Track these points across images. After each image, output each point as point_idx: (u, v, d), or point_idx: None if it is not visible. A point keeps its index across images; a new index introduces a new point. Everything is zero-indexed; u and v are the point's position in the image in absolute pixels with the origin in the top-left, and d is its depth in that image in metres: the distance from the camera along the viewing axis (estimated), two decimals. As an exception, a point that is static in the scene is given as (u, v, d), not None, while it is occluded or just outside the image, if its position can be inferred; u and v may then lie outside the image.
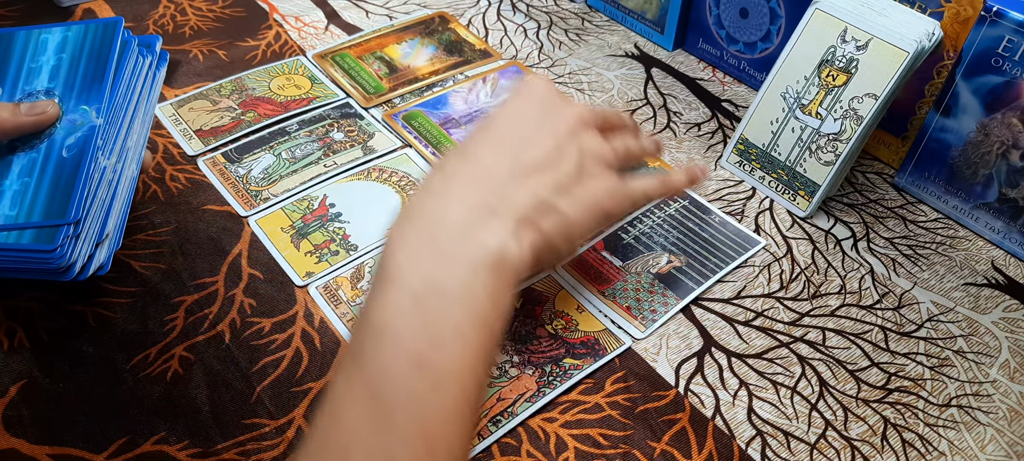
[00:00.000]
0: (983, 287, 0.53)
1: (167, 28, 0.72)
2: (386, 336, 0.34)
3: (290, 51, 0.70)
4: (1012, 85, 0.51)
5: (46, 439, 0.41)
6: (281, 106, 0.63)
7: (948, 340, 0.49)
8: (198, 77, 0.66)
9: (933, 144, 0.57)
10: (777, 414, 0.45)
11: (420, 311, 0.35)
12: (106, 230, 0.45)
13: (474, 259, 0.36)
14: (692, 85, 0.70)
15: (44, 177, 0.44)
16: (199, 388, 0.44)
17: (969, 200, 0.56)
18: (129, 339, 0.46)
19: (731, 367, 0.47)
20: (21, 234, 0.42)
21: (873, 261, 0.54)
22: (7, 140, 0.45)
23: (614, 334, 0.48)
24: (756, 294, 0.51)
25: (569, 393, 0.45)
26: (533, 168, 0.40)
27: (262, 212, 0.55)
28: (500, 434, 0.42)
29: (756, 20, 0.66)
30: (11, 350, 0.45)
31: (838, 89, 0.55)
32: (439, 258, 0.36)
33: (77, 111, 0.45)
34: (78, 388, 0.44)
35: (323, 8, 0.76)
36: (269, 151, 0.59)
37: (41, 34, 0.48)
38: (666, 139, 0.63)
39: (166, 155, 0.58)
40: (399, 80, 0.67)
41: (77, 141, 0.44)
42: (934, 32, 0.53)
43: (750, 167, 0.60)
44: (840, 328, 0.50)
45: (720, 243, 0.54)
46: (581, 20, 0.77)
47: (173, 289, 0.49)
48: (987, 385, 0.47)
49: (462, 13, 0.77)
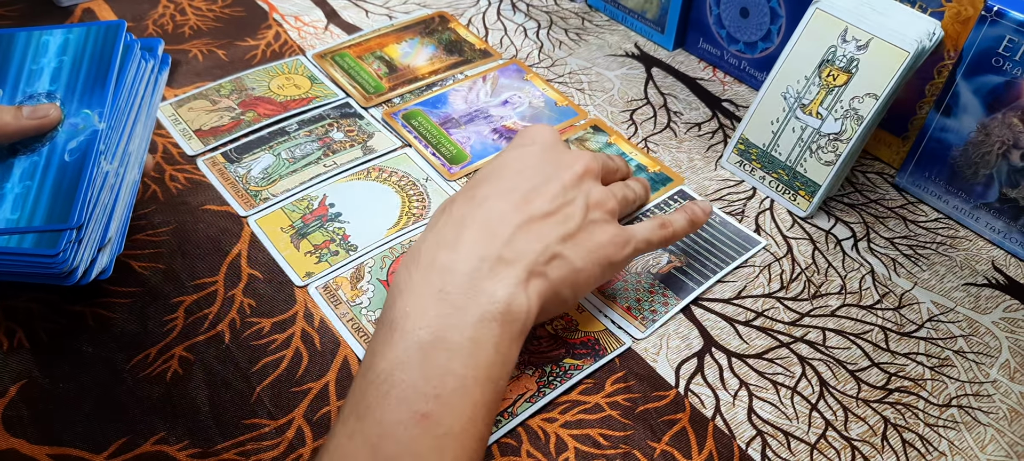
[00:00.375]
0: (983, 287, 0.53)
1: (166, 28, 0.72)
2: (391, 390, 0.34)
3: (290, 51, 0.70)
4: (1013, 85, 0.51)
5: (46, 439, 0.41)
6: (281, 106, 0.63)
7: (948, 340, 0.49)
8: (198, 77, 0.66)
9: (934, 144, 0.57)
10: (777, 414, 0.45)
11: (426, 364, 0.35)
12: (108, 234, 0.45)
13: (483, 311, 0.36)
14: (692, 85, 0.70)
15: (46, 181, 0.44)
16: (199, 388, 0.44)
17: (970, 200, 0.56)
18: (129, 339, 0.46)
19: (731, 367, 0.47)
20: (23, 238, 0.42)
21: (873, 261, 0.54)
22: (8, 143, 0.45)
23: (614, 334, 0.48)
24: (756, 294, 0.51)
25: (569, 393, 0.45)
26: (542, 218, 0.40)
27: (262, 212, 0.54)
28: (500, 434, 0.42)
29: (756, 20, 0.66)
30: (11, 350, 0.45)
31: (839, 89, 0.55)
32: (448, 309, 0.36)
33: (79, 115, 0.45)
34: (78, 388, 0.44)
35: (323, 8, 0.76)
36: (269, 151, 0.59)
37: (42, 35, 0.48)
38: (666, 139, 0.63)
39: (165, 155, 0.58)
40: (399, 80, 0.67)
41: (79, 145, 0.44)
42: (935, 32, 0.53)
43: (750, 167, 0.60)
44: (840, 328, 0.50)
45: (720, 243, 0.54)
46: (581, 20, 0.77)
47: (173, 289, 0.49)
48: (987, 385, 0.47)
49: (462, 13, 0.77)
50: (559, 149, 0.45)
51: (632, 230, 0.45)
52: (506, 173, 0.42)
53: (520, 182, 0.42)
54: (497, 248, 0.38)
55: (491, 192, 0.41)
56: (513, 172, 0.43)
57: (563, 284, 0.40)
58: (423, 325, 0.36)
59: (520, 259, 0.38)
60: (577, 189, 0.43)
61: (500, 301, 0.37)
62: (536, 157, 0.44)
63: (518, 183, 0.42)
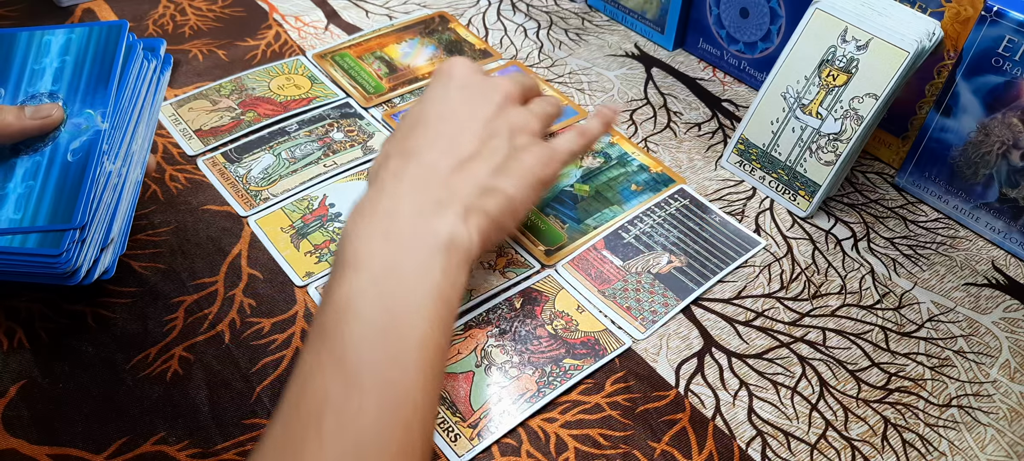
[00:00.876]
0: (983, 287, 0.53)
1: (167, 28, 0.72)
2: (348, 313, 0.36)
3: (290, 51, 0.70)
4: (1012, 85, 0.51)
5: (46, 439, 0.41)
6: (281, 106, 0.63)
7: (948, 340, 0.49)
8: (198, 77, 0.66)
9: (933, 144, 0.57)
10: (777, 414, 0.45)
11: (380, 289, 0.37)
12: (111, 234, 0.45)
13: (428, 245, 0.39)
14: (692, 85, 0.70)
15: (49, 181, 0.44)
16: (199, 388, 0.44)
17: (969, 200, 0.56)
18: (129, 339, 0.46)
19: (731, 367, 0.47)
20: (26, 238, 0.42)
21: (873, 261, 0.54)
22: (11, 143, 0.45)
23: (614, 334, 0.48)
24: (756, 294, 0.51)
25: (569, 393, 0.45)
26: (470, 157, 0.43)
27: (262, 212, 0.55)
28: (500, 434, 0.42)
29: (756, 20, 0.66)
30: (11, 350, 0.45)
31: (838, 89, 0.55)
32: (395, 246, 0.39)
33: (82, 115, 0.45)
34: (78, 388, 0.44)
35: (323, 8, 0.76)
36: (269, 151, 0.59)
37: (44, 35, 0.48)
38: (666, 139, 0.63)
39: (166, 155, 0.58)
40: (399, 80, 0.67)
41: (82, 145, 0.44)
42: (934, 32, 0.53)
43: (750, 167, 0.60)
44: (840, 328, 0.50)
45: (720, 243, 0.54)
46: (581, 20, 0.77)
47: (173, 289, 0.49)
48: (987, 385, 0.47)
49: (462, 13, 0.77)
50: (476, 82, 0.47)
51: (555, 145, 0.48)
52: (430, 120, 0.45)
53: (444, 127, 0.44)
54: (434, 193, 0.41)
55: (420, 143, 0.43)
56: (436, 117, 0.45)
57: (501, 214, 0.43)
58: (375, 260, 0.38)
59: (456, 199, 0.41)
60: (499, 119, 0.45)
61: (443, 235, 0.40)
62: (456, 95, 0.46)
63: (442, 129, 0.44)
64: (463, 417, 0.43)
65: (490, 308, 0.49)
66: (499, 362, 0.46)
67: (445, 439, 0.42)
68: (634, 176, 0.59)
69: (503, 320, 0.48)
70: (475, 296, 0.50)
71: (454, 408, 0.43)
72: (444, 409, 0.43)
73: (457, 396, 0.44)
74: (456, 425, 0.43)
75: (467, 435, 0.42)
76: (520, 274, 0.51)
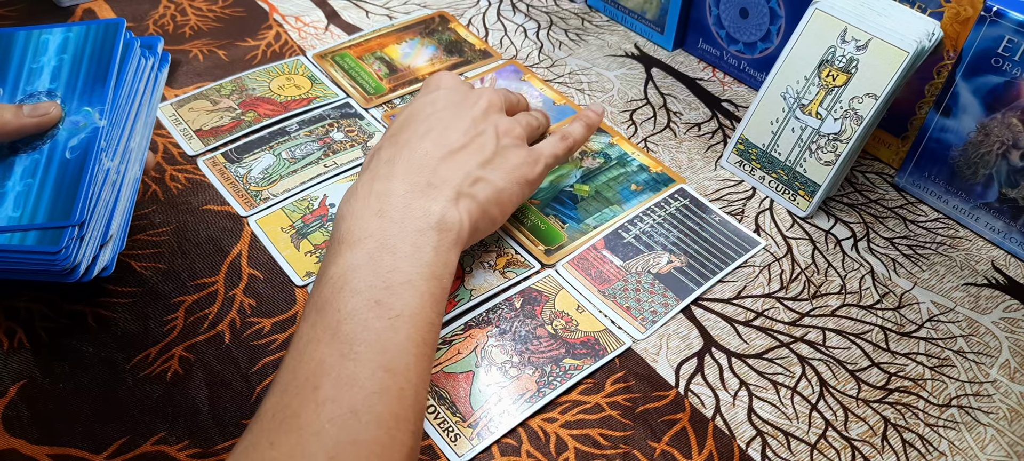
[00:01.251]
0: (983, 287, 0.53)
1: (167, 28, 0.72)
2: (344, 288, 0.38)
3: (290, 51, 0.70)
4: (1012, 85, 0.51)
5: (46, 439, 0.41)
6: (281, 106, 0.63)
7: (948, 340, 0.49)
8: (198, 77, 0.66)
9: (933, 144, 0.57)
10: (777, 414, 0.45)
11: (374, 264, 0.39)
12: (110, 231, 0.45)
13: (420, 224, 0.41)
14: (692, 85, 0.70)
15: (48, 179, 0.44)
16: (199, 388, 0.44)
17: (969, 200, 0.56)
18: (129, 339, 0.46)
19: (731, 367, 0.47)
20: (25, 236, 0.42)
21: (873, 261, 0.54)
22: (9, 141, 0.45)
23: (614, 334, 0.48)
24: (756, 294, 0.51)
25: (569, 393, 0.45)
26: (459, 150, 0.46)
27: (262, 212, 0.55)
28: (500, 434, 0.42)
29: (756, 20, 0.66)
30: (11, 350, 0.45)
31: (838, 89, 0.55)
32: (388, 224, 0.41)
33: (80, 113, 0.45)
34: (78, 388, 0.44)
35: (323, 8, 0.76)
36: (269, 151, 0.59)
37: (42, 34, 0.48)
38: (666, 139, 0.63)
39: (166, 155, 0.58)
40: (399, 80, 0.67)
41: (81, 143, 0.44)
42: (934, 32, 0.53)
43: (750, 167, 0.60)
44: (840, 328, 0.50)
45: (720, 243, 0.54)
46: (581, 20, 0.77)
47: (173, 289, 0.49)
48: (987, 385, 0.47)
49: (462, 13, 0.77)
50: (463, 89, 0.50)
51: (539, 148, 0.51)
52: (420, 117, 0.47)
53: (434, 123, 0.47)
54: (425, 177, 0.43)
55: (411, 136, 0.46)
56: (426, 116, 0.48)
57: (490, 203, 0.45)
58: (367, 238, 0.40)
59: (447, 183, 0.44)
60: (486, 121, 0.48)
61: (434, 215, 0.42)
62: (444, 100, 0.49)
63: (432, 124, 0.47)
64: (463, 417, 0.43)
65: (490, 308, 0.49)
66: (499, 362, 0.46)
67: (445, 439, 0.42)
68: (634, 176, 0.59)
69: (503, 320, 0.48)
70: (475, 296, 0.50)
71: (454, 408, 0.43)
72: (444, 409, 0.43)
73: (457, 396, 0.44)
74: (456, 425, 0.43)
75: (467, 435, 0.42)
76: (520, 274, 0.51)
